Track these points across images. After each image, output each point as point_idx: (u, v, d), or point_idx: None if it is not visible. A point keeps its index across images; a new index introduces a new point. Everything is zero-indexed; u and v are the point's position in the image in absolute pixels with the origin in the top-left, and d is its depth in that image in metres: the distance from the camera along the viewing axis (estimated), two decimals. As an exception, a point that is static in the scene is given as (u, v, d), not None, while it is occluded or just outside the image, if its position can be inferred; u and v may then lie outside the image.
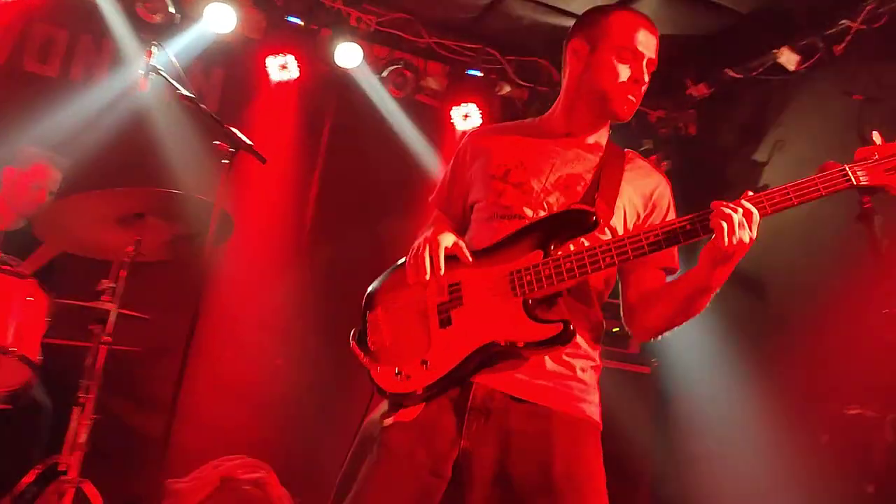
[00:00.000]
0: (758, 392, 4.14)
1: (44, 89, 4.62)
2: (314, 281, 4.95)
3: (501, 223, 2.02)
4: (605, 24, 2.08)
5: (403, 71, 5.24)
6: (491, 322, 1.90)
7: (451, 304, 1.96)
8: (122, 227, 3.19)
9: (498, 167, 2.09)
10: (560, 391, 1.93)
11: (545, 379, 1.93)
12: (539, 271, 1.88)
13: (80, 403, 3.16)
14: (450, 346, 1.92)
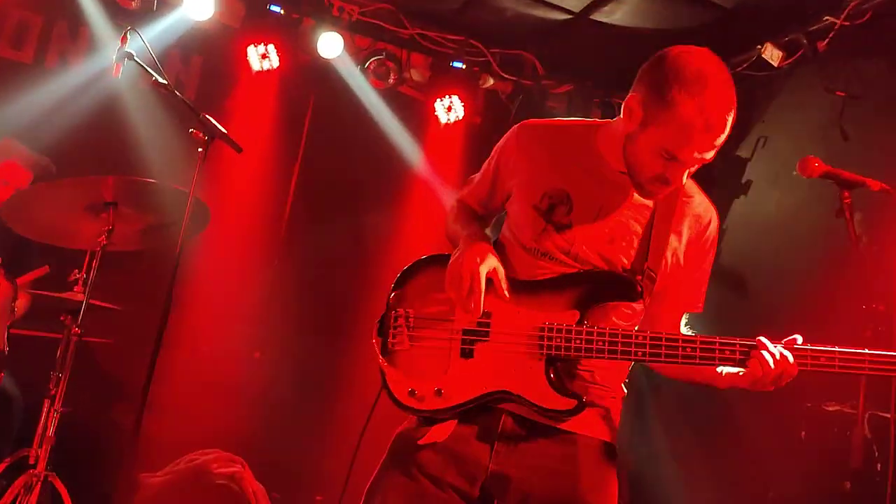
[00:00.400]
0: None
1: (17, 76, 4.52)
2: (293, 273, 4.90)
3: (541, 261, 1.95)
4: (669, 110, 1.78)
5: (386, 62, 5.18)
6: (510, 370, 1.91)
7: (477, 336, 1.94)
8: (93, 215, 3.13)
9: (542, 198, 1.96)
10: (584, 417, 1.93)
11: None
12: (570, 339, 1.87)
13: (51, 395, 3.11)
14: (465, 380, 1.93)
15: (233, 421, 4.42)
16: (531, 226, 1.96)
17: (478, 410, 1.92)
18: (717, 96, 1.78)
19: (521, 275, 1.96)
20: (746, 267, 4.53)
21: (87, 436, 3.60)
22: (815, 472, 3.56)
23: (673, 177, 1.85)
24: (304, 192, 5.24)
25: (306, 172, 5.26)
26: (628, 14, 4.76)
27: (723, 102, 1.79)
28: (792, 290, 4.10)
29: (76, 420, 3.14)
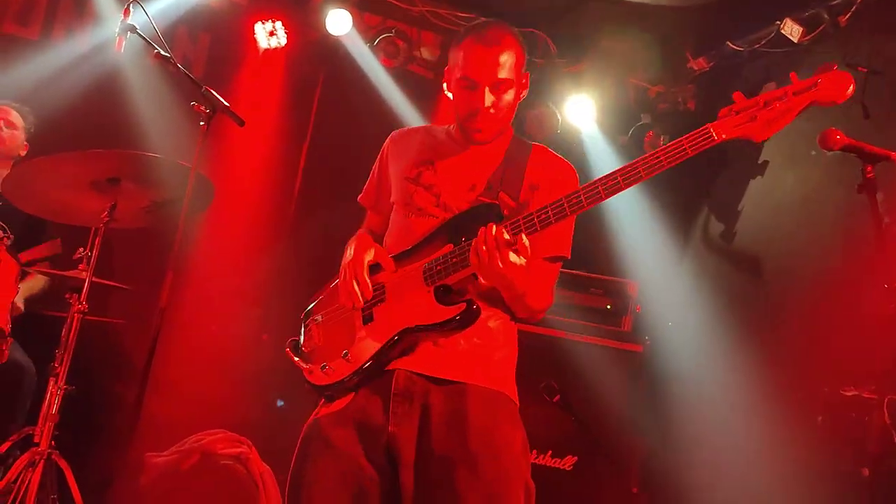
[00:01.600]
0: (753, 372, 4.06)
1: (24, 52, 4.48)
2: (300, 252, 4.85)
3: (417, 218, 2.15)
4: (456, 47, 2.16)
5: (395, 40, 5.11)
6: (406, 313, 2.05)
7: (373, 303, 2.13)
8: (96, 191, 3.09)
9: (411, 169, 2.22)
10: (473, 368, 2.04)
11: (459, 357, 2.05)
12: (447, 259, 2.01)
13: (55, 374, 3.08)
14: (369, 339, 2.09)
15: (239, 402, 4.39)
16: (405, 192, 2.20)
17: (376, 374, 2.04)
18: (489, 24, 2.13)
19: (405, 244, 2.14)
20: (763, 248, 4.44)
21: (91, 414, 3.57)
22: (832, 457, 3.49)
23: (476, 100, 2.08)
24: (313, 170, 5.18)
25: (315, 151, 5.20)
26: (645, -9, 4.65)
27: (495, 26, 2.12)
28: (809, 272, 4.01)
29: (81, 398, 3.11)
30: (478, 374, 2.06)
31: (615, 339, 4.24)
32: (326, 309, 2.27)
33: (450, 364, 2.05)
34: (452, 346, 2.05)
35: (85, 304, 3.07)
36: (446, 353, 2.05)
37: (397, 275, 2.12)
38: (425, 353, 2.06)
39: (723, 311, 4.35)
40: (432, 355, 2.05)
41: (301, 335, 2.31)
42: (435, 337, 2.04)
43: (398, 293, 2.10)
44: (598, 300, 4.42)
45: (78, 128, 4.15)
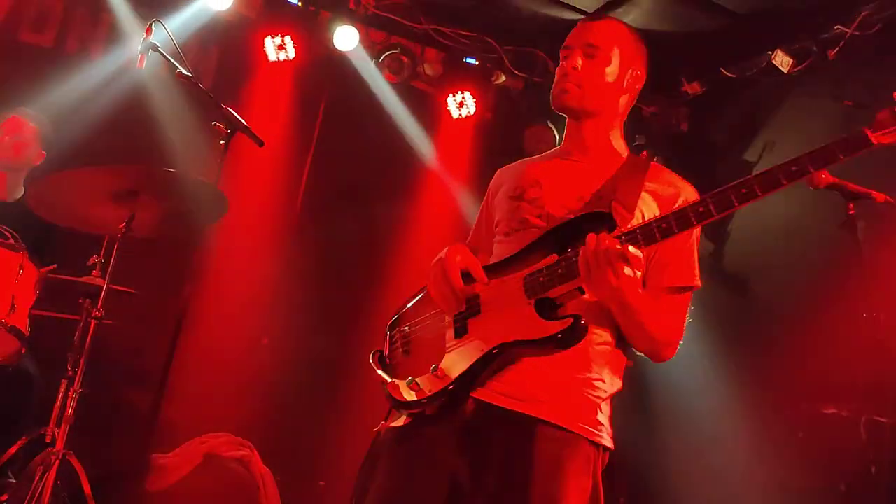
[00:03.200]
0: (737, 387, 4.21)
1: (38, 60, 4.59)
2: (304, 262, 4.97)
3: (516, 237, 2.01)
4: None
5: (400, 56, 5.23)
6: (504, 326, 1.87)
7: (468, 314, 1.96)
8: (115, 203, 3.19)
9: (516, 188, 2.10)
10: (554, 404, 1.86)
11: (540, 387, 1.87)
12: (553, 270, 1.84)
13: (69, 377, 3.20)
14: (462, 354, 1.92)
15: (242, 405, 4.50)
16: (508, 211, 2.08)
17: (463, 395, 1.89)
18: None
19: (501, 257, 2.00)
20: (750, 272, 4.60)
21: (102, 416, 3.68)
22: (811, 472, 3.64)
23: (567, 63, 2.04)
24: (317, 182, 5.30)
25: (319, 163, 5.32)
26: (642, 16, 4.80)
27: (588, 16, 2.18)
28: (794, 294, 4.17)
29: (92, 401, 3.21)
30: (557, 412, 1.85)
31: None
32: (414, 319, 2.10)
33: (528, 394, 1.86)
34: (540, 373, 1.87)
35: (101, 310, 3.18)
36: (529, 380, 1.87)
37: (493, 285, 1.95)
38: (509, 380, 1.88)
39: (710, 328, 4.50)
40: (514, 383, 1.87)
41: (386, 346, 2.15)
42: (532, 354, 1.85)
43: (495, 305, 1.92)
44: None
45: (101, 140, 4.27)
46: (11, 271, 3.03)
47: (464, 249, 2.02)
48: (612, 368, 1.95)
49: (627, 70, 2.05)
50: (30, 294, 3.19)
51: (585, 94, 2.03)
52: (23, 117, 3.95)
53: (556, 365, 1.86)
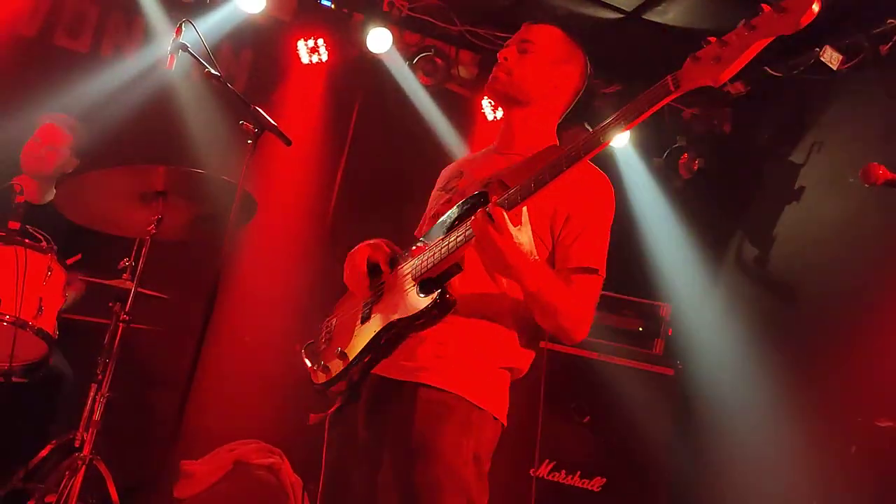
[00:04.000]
0: (786, 398, 4.04)
1: (74, 64, 4.60)
2: (335, 266, 4.90)
3: (431, 223, 2.18)
4: None
5: (434, 58, 5.17)
6: (393, 308, 2.04)
7: (372, 301, 2.15)
8: (143, 204, 3.17)
9: (445, 180, 2.34)
10: (435, 370, 2.01)
11: (426, 358, 2.03)
12: (432, 251, 1.98)
13: (97, 380, 3.16)
14: (361, 337, 2.10)
15: (272, 412, 4.45)
16: (433, 200, 2.33)
17: (364, 374, 2.07)
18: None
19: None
20: (800, 276, 4.42)
21: (130, 421, 3.65)
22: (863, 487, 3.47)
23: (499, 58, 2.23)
24: (349, 185, 5.26)
25: (352, 166, 5.27)
26: (682, 13, 4.67)
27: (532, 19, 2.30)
28: (847, 300, 3.99)
29: (121, 405, 3.18)
30: (432, 375, 2.01)
31: (646, 361, 4.25)
32: (339, 311, 2.33)
33: (415, 364, 2.03)
34: (426, 346, 2.04)
35: (129, 314, 3.15)
36: (416, 353, 2.04)
37: (395, 273, 2.11)
38: (399, 354, 2.05)
39: (756, 336, 4.34)
40: (403, 356, 2.05)
41: (317, 337, 2.38)
42: (415, 329, 2.00)
43: (392, 290, 2.09)
44: (630, 322, 4.44)
45: (129, 141, 4.28)
46: (40, 273, 3.00)
47: (377, 243, 2.22)
48: (500, 344, 2.07)
49: (558, 67, 2.21)
50: (58, 296, 3.16)
51: (513, 82, 2.19)
52: (58, 125, 3.95)
53: (442, 338, 2.02)
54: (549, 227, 2.08)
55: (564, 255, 2.06)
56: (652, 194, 5.28)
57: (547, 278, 1.91)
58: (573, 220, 2.06)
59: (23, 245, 2.98)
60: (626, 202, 5.16)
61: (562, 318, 1.96)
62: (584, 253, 2.05)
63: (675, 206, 5.22)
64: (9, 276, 2.88)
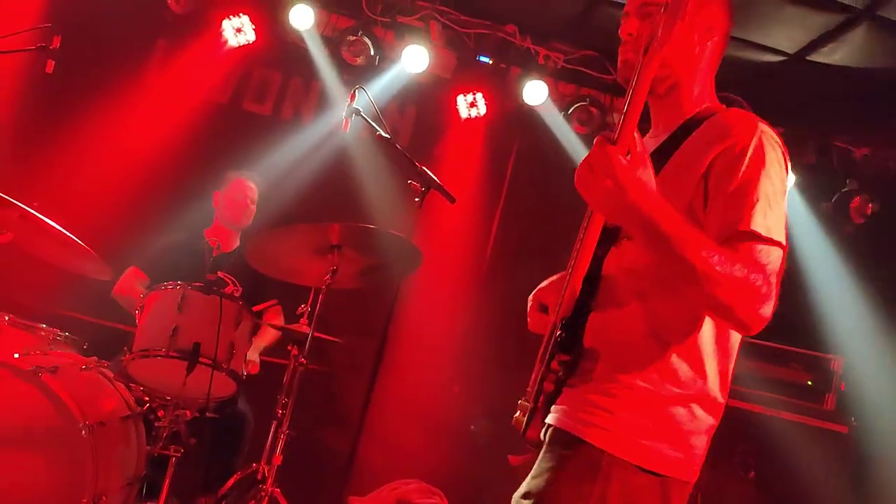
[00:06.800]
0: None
1: (258, 127, 5.10)
2: (492, 314, 5.05)
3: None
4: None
5: (589, 108, 5.25)
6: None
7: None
8: (320, 256, 3.44)
9: None
10: (564, 411, 1.72)
11: (563, 401, 1.73)
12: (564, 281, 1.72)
13: (278, 418, 3.45)
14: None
15: (434, 452, 4.61)
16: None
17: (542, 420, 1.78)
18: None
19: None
20: None
21: (305, 457, 3.91)
22: None
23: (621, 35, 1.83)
24: (505, 234, 5.40)
25: (507, 216, 5.42)
26: (853, 53, 4.49)
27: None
28: None
29: (297, 441, 3.44)
30: (563, 416, 1.72)
31: (817, 417, 4.05)
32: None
33: (559, 410, 1.75)
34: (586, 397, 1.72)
35: (306, 357, 3.42)
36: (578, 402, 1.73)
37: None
38: (564, 401, 1.75)
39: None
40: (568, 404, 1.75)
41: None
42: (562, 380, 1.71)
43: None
44: (798, 375, 4.25)
45: (308, 199, 4.68)
46: (231, 319, 3.33)
47: (547, 285, 2.00)
48: (641, 364, 1.67)
49: (695, 20, 1.79)
50: (245, 340, 3.49)
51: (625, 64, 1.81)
52: (249, 181, 4.37)
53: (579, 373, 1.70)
54: (703, 194, 1.66)
55: (714, 216, 1.62)
56: (820, 241, 5.04)
57: (680, 220, 1.53)
58: (722, 173, 1.63)
59: (219, 294, 3.32)
60: (792, 249, 4.95)
61: (709, 284, 1.49)
62: (734, 212, 1.58)
63: (845, 253, 4.97)
64: (208, 323, 3.22)
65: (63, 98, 4.63)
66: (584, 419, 1.68)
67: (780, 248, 1.59)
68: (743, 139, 1.64)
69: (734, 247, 1.55)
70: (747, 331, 1.57)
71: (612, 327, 1.71)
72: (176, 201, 4.49)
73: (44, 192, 3.46)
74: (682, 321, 1.67)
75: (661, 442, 1.65)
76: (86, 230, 3.30)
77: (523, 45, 5.19)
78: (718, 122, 1.73)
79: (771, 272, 1.55)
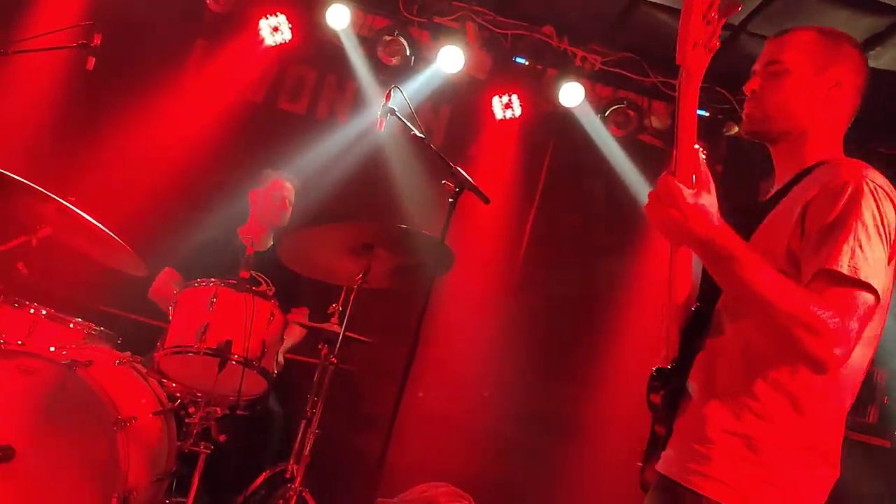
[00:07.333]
0: None
1: (293, 125, 5.11)
2: (525, 316, 5.01)
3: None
4: None
5: (626, 110, 5.19)
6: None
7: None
8: (353, 256, 3.43)
9: None
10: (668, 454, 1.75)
11: (671, 445, 1.77)
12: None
13: (307, 417, 3.44)
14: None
15: (463, 456, 4.58)
16: None
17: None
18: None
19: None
20: None
21: (334, 457, 3.90)
22: None
23: (746, 93, 1.87)
24: (539, 235, 5.36)
25: (541, 218, 5.38)
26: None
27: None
28: None
29: (326, 441, 3.42)
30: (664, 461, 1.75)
31: (859, 430, 3.94)
32: None
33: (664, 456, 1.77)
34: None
35: (337, 356, 3.41)
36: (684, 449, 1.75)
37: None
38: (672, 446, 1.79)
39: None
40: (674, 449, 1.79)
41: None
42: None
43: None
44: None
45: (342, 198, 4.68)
46: (263, 318, 3.33)
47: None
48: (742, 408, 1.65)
49: (822, 76, 1.80)
50: (277, 339, 3.48)
51: (768, 115, 1.82)
52: (286, 181, 4.37)
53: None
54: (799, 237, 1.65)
55: (806, 256, 1.62)
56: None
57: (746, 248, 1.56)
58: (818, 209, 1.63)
59: (251, 292, 3.32)
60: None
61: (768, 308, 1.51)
62: (822, 251, 1.57)
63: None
64: (239, 321, 3.22)
65: (102, 95, 4.68)
66: (685, 465, 1.68)
67: (867, 292, 1.54)
68: (843, 178, 1.64)
69: (813, 284, 1.56)
70: (816, 368, 1.54)
71: (717, 370, 1.72)
72: (210, 199, 4.53)
73: (81, 187, 3.50)
74: (783, 365, 1.65)
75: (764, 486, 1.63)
76: (122, 226, 3.32)
77: (560, 47, 5.13)
78: (827, 168, 1.75)
79: (848, 314, 1.51)
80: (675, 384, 1.77)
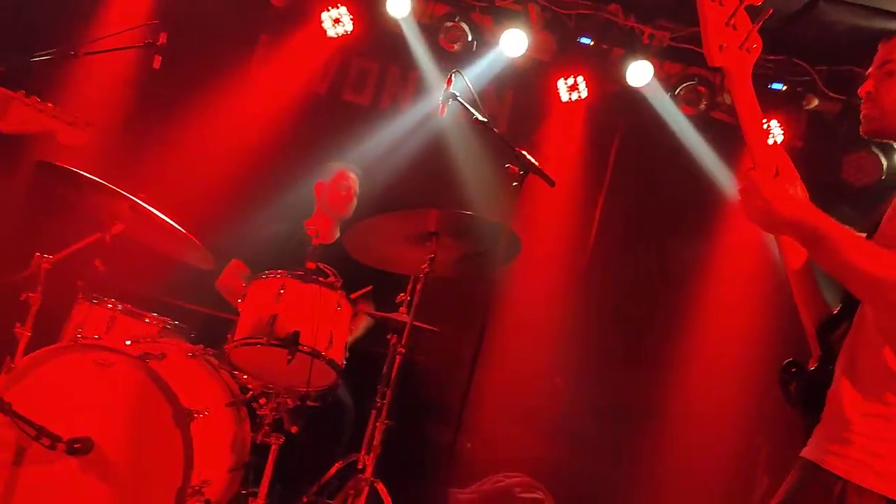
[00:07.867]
0: None
1: (357, 117, 5.11)
2: (596, 302, 4.89)
3: None
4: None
5: (697, 87, 4.99)
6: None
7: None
8: (418, 244, 3.39)
9: None
10: (816, 442, 1.76)
11: (816, 431, 1.78)
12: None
13: (377, 407, 3.42)
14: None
15: (536, 446, 4.51)
16: None
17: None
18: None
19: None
20: None
21: (405, 447, 3.88)
22: None
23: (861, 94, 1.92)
24: (609, 219, 5.23)
25: (611, 201, 5.24)
26: None
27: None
28: None
29: (396, 431, 3.40)
30: (809, 448, 1.76)
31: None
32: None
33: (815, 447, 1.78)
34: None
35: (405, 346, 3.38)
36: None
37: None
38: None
39: None
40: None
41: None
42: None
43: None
44: None
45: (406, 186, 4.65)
46: (331, 308, 3.32)
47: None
48: (880, 393, 1.66)
49: None
50: (344, 329, 3.47)
51: (886, 115, 1.87)
52: (351, 172, 4.39)
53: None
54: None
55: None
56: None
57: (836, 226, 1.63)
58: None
59: (317, 283, 3.32)
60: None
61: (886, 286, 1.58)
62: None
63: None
64: (307, 312, 3.23)
65: (169, 93, 4.76)
66: (826, 448, 1.71)
67: None
68: None
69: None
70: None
71: (858, 358, 1.74)
72: (277, 192, 4.57)
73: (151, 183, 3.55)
74: None
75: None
76: (190, 220, 3.36)
77: (626, 25, 4.97)
78: None
79: None
80: (816, 375, 1.83)
